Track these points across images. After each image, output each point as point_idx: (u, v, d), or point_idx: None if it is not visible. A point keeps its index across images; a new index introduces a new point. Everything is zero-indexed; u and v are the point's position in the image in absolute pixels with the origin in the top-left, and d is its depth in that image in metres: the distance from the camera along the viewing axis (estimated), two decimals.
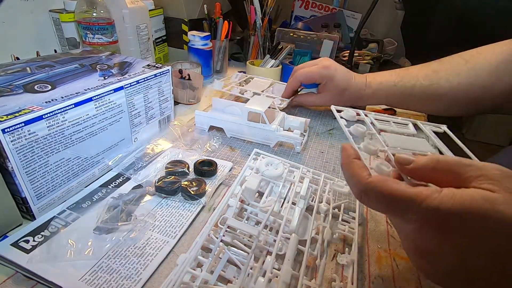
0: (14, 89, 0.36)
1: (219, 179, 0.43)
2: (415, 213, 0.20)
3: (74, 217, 0.35)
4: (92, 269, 0.29)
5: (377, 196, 0.22)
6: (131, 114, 0.45)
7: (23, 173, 0.32)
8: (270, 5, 0.84)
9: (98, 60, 0.48)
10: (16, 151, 0.30)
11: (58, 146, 0.34)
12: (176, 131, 0.52)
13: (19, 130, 0.30)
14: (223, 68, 0.85)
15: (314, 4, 1.12)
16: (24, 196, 0.32)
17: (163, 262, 0.31)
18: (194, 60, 0.75)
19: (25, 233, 0.32)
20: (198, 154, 0.48)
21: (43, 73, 0.41)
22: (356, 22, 1.10)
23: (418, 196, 0.20)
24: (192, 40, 0.75)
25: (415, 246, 0.23)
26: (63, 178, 0.36)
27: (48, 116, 0.32)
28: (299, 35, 0.88)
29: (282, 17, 1.18)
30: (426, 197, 0.20)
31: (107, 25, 0.58)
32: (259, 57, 0.88)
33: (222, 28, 0.79)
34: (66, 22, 0.62)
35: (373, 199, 0.22)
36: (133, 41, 0.68)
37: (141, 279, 0.29)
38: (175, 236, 0.34)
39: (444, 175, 0.22)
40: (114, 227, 0.33)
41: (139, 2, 0.67)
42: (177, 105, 0.65)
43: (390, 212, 0.23)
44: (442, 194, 0.20)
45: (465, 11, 1.24)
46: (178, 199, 0.39)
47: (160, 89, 0.50)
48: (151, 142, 0.49)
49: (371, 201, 0.23)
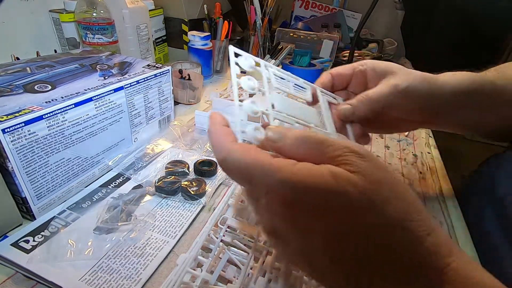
0: (14, 89, 0.36)
1: (219, 179, 0.43)
2: (268, 184, 0.19)
3: (74, 217, 0.35)
4: (92, 269, 0.29)
5: (235, 163, 0.20)
6: (131, 114, 0.45)
7: (23, 173, 0.32)
8: (270, 5, 0.84)
9: (98, 60, 0.48)
10: (16, 151, 0.30)
11: (58, 146, 0.34)
12: (176, 131, 0.52)
13: (19, 130, 0.30)
14: (223, 68, 0.85)
15: (314, 4, 1.12)
16: (24, 196, 0.32)
17: (163, 262, 0.31)
18: (194, 60, 0.75)
19: (25, 233, 0.32)
20: (198, 154, 0.48)
21: (43, 73, 0.41)
22: (356, 22, 1.10)
23: (273, 166, 0.19)
24: (192, 40, 0.75)
25: (266, 224, 0.21)
26: (63, 178, 0.36)
27: (48, 116, 0.33)
28: (299, 35, 0.88)
29: (282, 17, 1.18)
30: (281, 168, 0.19)
31: (107, 25, 0.58)
32: (259, 57, 0.88)
33: (222, 28, 0.79)
34: (66, 22, 0.62)
35: (232, 167, 0.20)
36: (133, 41, 0.68)
37: (141, 279, 0.29)
38: (175, 236, 0.34)
39: (309, 153, 0.20)
40: (114, 227, 0.33)
41: (139, 2, 0.67)
42: (177, 105, 0.65)
43: (246, 182, 0.21)
44: (296, 167, 0.19)
45: (465, 11, 1.24)
46: (178, 199, 0.39)
47: (160, 89, 0.50)
48: (151, 142, 0.49)
49: (230, 169, 0.21)
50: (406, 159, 0.53)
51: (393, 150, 0.56)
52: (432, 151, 0.56)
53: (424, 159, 0.54)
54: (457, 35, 1.26)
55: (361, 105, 0.32)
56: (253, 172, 0.19)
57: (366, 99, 0.32)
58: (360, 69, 0.34)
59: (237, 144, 0.21)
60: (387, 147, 0.57)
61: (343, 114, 0.33)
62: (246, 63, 0.26)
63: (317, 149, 0.20)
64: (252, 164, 0.19)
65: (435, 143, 0.60)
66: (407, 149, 0.56)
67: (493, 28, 1.23)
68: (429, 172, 0.50)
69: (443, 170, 0.51)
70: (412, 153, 0.55)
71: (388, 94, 0.32)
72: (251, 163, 0.19)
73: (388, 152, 0.55)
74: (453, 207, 0.43)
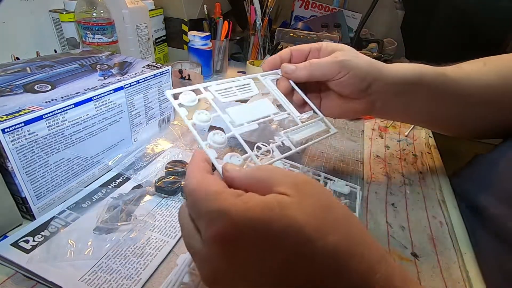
0: (14, 89, 0.36)
1: None
2: (206, 214, 0.18)
3: (74, 217, 0.35)
4: (92, 269, 0.29)
5: (188, 191, 0.20)
6: (131, 114, 0.45)
7: (23, 173, 0.32)
8: (270, 5, 0.84)
9: (98, 60, 0.48)
10: (16, 151, 0.30)
11: (58, 146, 0.34)
12: (176, 131, 0.52)
13: (19, 130, 0.30)
14: (223, 68, 0.85)
15: (314, 4, 1.12)
16: (24, 196, 0.32)
17: (163, 262, 0.31)
18: (194, 60, 0.75)
19: (25, 233, 0.32)
20: None
21: (43, 73, 0.41)
22: (356, 22, 1.10)
23: (216, 194, 0.18)
24: (192, 40, 0.75)
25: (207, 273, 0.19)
26: (63, 178, 0.36)
27: (48, 116, 0.32)
28: (299, 35, 0.88)
29: (282, 17, 1.18)
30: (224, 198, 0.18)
31: (107, 25, 0.58)
32: (259, 57, 0.88)
33: (222, 28, 0.79)
34: (66, 22, 0.62)
35: (185, 190, 0.21)
36: (133, 41, 0.68)
37: (141, 279, 0.29)
38: (175, 236, 0.34)
39: (257, 186, 0.20)
40: (114, 227, 0.33)
41: (139, 2, 0.67)
42: None
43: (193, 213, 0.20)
44: (240, 198, 0.18)
45: (465, 11, 1.24)
46: (178, 199, 0.39)
47: (160, 89, 0.50)
48: (151, 142, 0.49)
49: (186, 193, 0.21)
50: (406, 159, 0.53)
51: (393, 150, 0.56)
52: (432, 151, 0.56)
53: (424, 159, 0.54)
54: (457, 35, 1.26)
55: (303, 67, 0.36)
56: (201, 199, 0.19)
57: (308, 63, 0.36)
58: (316, 47, 0.38)
59: (200, 174, 0.21)
60: (387, 147, 0.57)
61: (285, 71, 0.36)
62: (187, 99, 0.26)
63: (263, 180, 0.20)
64: (204, 188, 0.19)
65: (435, 143, 0.60)
66: (407, 149, 0.56)
67: (493, 28, 1.23)
68: (429, 172, 0.50)
69: (443, 170, 0.51)
70: (412, 153, 0.55)
71: (327, 63, 0.35)
72: (203, 186, 0.19)
73: (388, 152, 0.55)
74: (453, 207, 0.43)
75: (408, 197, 0.44)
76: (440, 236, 0.38)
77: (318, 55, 0.38)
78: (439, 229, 0.39)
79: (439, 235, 0.38)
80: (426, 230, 0.38)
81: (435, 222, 0.40)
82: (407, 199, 0.44)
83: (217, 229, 0.17)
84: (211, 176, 0.21)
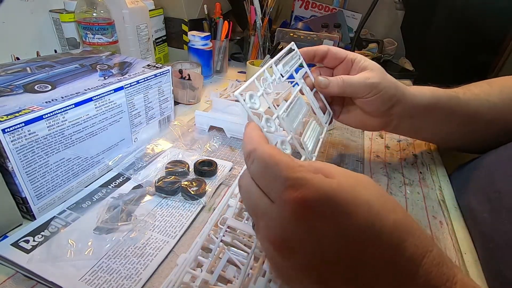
0: (14, 89, 0.36)
1: (219, 179, 0.43)
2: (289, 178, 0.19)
3: (74, 217, 0.35)
4: (92, 269, 0.29)
5: (264, 154, 0.21)
6: (131, 114, 0.45)
7: (23, 173, 0.32)
8: (270, 5, 0.84)
9: (98, 60, 0.48)
10: (16, 151, 0.30)
11: (58, 146, 0.34)
12: (176, 131, 0.52)
13: (19, 130, 0.30)
14: (223, 68, 0.85)
15: (314, 4, 1.12)
16: (24, 196, 0.32)
17: (163, 262, 0.31)
18: (194, 60, 0.75)
19: (25, 233, 0.32)
20: (198, 154, 0.48)
21: (43, 73, 0.41)
22: (356, 22, 1.10)
23: (298, 166, 0.20)
24: (192, 40, 0.75)
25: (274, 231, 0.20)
26: (63, 178, 0.36)
27: (48, 116, 0.33)
28: (299, 35, 0.88)
29: (282, 17, 1.18)
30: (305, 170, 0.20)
31: (107, 25, 0.59)
32: (259, 57, 0.88)
33: (222, 28, 0.79)
34: (66, 22, 0.62)
35: (253, 160, 0.21)
36: (133, 41, 0.68)
37: (141, 279, 0.29)
38: (175, 236, 0.34)
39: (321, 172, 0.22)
40: (114, 227, 0.33)
41: (139, 2, 0.67)
42: (177, 105, 0.65)
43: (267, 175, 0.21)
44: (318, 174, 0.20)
45: (465, 11, 1.24)
46: (178, 199, 0.39)
47: (160, 89, 0.50)
48: (151, 142, 0.49)
49: (252, 163, 0.22)
50: (406, 159, 0.53)
51: (393, 150, 0.56)
52: (432, 151, 0.56)
53: (424, 159, 0.54)
54: (457, 35, 1.26)
55: (335, 82, 0.39)
56: (270, 167, 0.20)
57: (340, 79, 0.39)
58: (351, 57, 0.40)
59: (268, 145, 0.22)
60: (387, 147, 0.57)
61: (318, 84, 0.40)
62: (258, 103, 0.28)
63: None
64: (270, 159, 0.21)
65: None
66: (407, 149, 0.56)
67: (493, 28, 1.23)
68: (429, 172, 0.50)
69: (443, 170, 0.51)
70: (412, 153, 0.55)
71: (359, 84, 0.38)
72: (277, 156, 0.21)
73: (388, 152, 0.55)
74: (453, 207, 0.43)
75: (408, 197, 0.44)
76: (440, 236, 0.38)
77: (350, 66, 0.40)
78: (439, 229, 0.39)
79: (439, 235, 0.38)
80: (426, 230, 0.38)
81: (435, 222, 0.40)
82: (407, 199, 0.44)
83: (299, 194, 0.19)
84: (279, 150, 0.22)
